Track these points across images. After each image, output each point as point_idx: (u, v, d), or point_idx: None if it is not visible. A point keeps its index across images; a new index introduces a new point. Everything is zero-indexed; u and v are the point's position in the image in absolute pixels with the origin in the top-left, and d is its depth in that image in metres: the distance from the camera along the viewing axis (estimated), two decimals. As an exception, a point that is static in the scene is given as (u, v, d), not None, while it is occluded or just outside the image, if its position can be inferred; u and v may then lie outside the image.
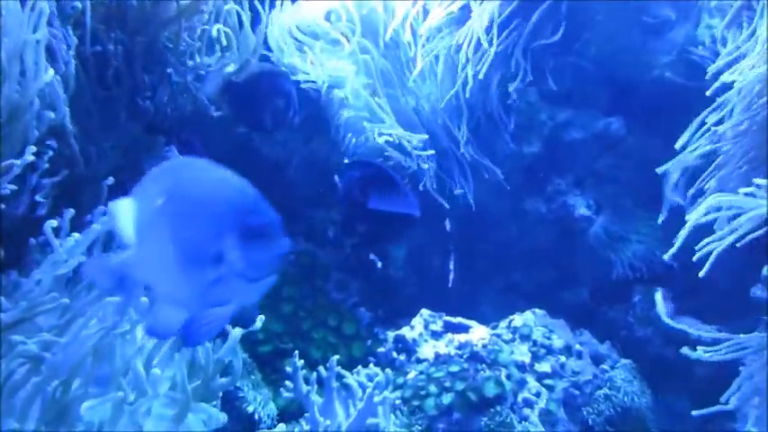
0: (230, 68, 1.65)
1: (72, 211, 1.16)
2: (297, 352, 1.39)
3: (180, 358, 1.08)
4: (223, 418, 1.09)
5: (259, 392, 1.46)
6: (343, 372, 1.38)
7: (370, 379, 1.31)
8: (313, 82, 1.76)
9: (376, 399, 1.23)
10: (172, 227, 0.76)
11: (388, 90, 1.77)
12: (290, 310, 1.76)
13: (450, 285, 2.13)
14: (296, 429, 1.31)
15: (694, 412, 1.26)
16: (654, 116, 1.84)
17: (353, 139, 1.80)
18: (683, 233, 1.42)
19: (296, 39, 1.76)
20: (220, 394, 1.24)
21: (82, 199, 1.34)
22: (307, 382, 1.38)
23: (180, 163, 1.06)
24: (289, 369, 1.39)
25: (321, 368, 1.39)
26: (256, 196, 0.79)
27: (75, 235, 1.10)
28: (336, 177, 1.76)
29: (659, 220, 1.68)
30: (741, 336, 1.37)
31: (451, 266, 2.16)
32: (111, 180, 1.28)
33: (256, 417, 1.40)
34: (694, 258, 1.38)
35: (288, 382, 1.40)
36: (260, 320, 1.12)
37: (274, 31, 1.78)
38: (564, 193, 1.96)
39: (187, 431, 1.03)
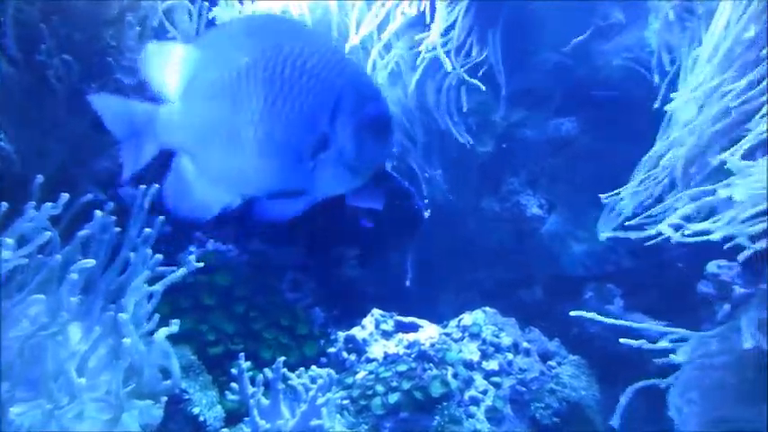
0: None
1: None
2: (243, 353, 1.38)
3: (117, 363, 1.06)
4: (158, 413, 1.08)
5: (206, 395, 1.44)
6: (289, 374, 1.37)
7: (314, 380, 1.31)
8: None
9: (319, 401, 1.23)
10: (258, 94, 0.63)
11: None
12: (242, 311, 1.74)
13: (407, 284, 2.14)
14: (237, 432, 1.30)
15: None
16: (605, 117, 1.87)
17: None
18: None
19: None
20: (164, 399, 1.22)
21: (19, 199, 1.31)
22: (254, 383, 1.37)
23: (273, 20, 0.85)
24: (235, 371, 1.38)
25: (267, 370, 1.38)
26: (372, 80, 0.67)
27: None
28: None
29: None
30: (681, 330, 1.39)
31: (409, 265, 2.17)
32: (40, 178, 1.22)
33: (201, 419, 1.38)
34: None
35: (234, 384, 1.39)
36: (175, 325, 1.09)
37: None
38: (517, 192, 1.98)
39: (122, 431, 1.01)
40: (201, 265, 1.35)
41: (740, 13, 1.21)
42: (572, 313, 1.38)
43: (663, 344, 1.41)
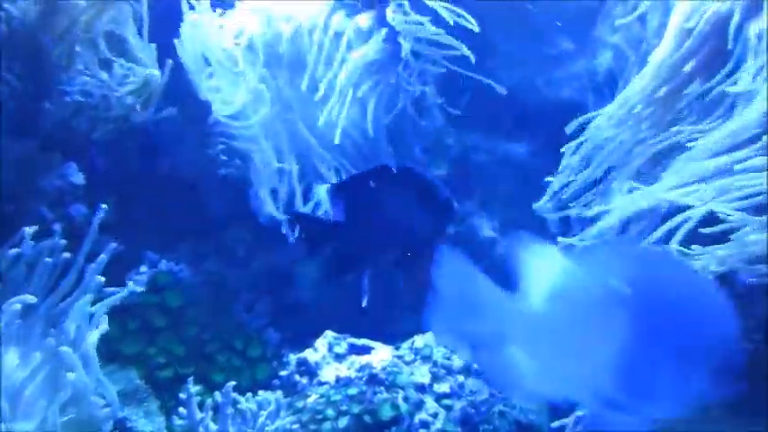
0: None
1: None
2: (191, 377, 1.36)
3: (53, 390, 1.04)
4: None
5: (152, 421, 1.41)
6: (238, 397, 1.36)
7: (262, 405, 1.30)
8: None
9: (268, 428, 1.22)
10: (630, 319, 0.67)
11: (290, 116, 1.78)
12: (193, 333, 1.72)
13: (364, 305, 2.14)
14: (184, 459, 1.28)
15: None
16: (555, 142, 1.92)
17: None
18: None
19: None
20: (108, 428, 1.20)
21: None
22: (202, 408, 1.36)
23: (657, 257, 0.89)
24: (183, 395, 1.36)
25: (217, 393, 1.37)
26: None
27: None
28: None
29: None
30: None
31: (366, 286, 2.17)
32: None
33: (144, 447, 1.36)
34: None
35: (182, 409, 1.37)
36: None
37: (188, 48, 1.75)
38: (470, 214, 2.01)
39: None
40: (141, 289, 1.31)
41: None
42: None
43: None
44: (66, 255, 1.32)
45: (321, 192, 1.74)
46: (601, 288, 0.71)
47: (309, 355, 1.66)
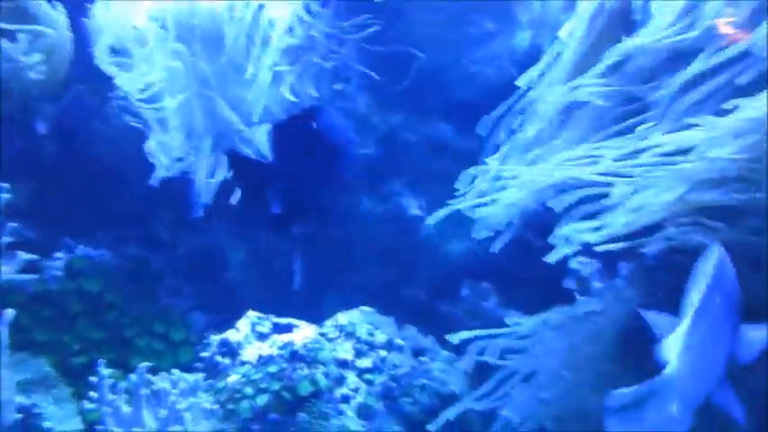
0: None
1: None
2: (102, 360, 1.33)
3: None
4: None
5: (62, 408, 1.37)
6: (153, 378, 1.33)
7: (176, 384, 1.28)
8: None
9: (180, 405, 1.20)
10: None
11: (209, 94, 1.74)
12: (112, 318, 1.68)
13: (296, 287, 2.13)
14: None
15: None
16: (478, 121, 1.95)
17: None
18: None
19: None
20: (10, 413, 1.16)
21: None
22: (115, 391, 1.33)
23: None
24: (94, 379, 1.32)
25: (132, 376, 1.34)
26: None
27: None
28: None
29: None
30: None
31: (297, 268, 2.16)
32: None
33: (54, 432, 1.32)
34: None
35: (93, 393, 1.34)
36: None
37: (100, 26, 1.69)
38: (398, 194, 2.02)
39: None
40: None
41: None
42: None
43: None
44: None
45: (261, 133, 1.70)
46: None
47: (231, 335, 1.64)
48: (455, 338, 1.38)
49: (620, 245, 1.32)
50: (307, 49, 1.83)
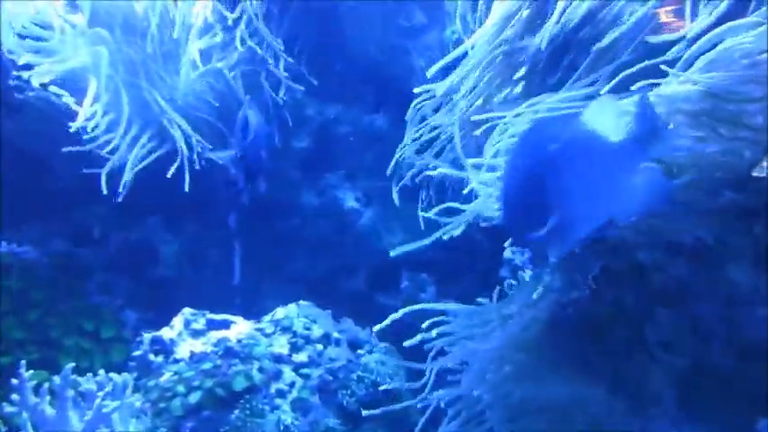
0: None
1: None
2: (24, 362, 1.28)
3: None
4: None
5: (-17, 411, 1.31)
6: (79, 379, 1.29)
7: (102, 386, 1.25)
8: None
9: (106, 409, 1.17)
10: None
11: (138, 81, 1.68)
12: (36, 317, 1.61)
13: (234, 281, 2.10)
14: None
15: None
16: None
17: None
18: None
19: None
20: None
21: None
22: (39, 393, 1.28)
23: None
24: (15, 381, 1.27)
25: (56, 377, 1.30)
26: None
27: None
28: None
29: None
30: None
31: (235, 262, 2.13)
32: None
33: (-29, 438, 1.26)
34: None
35: (15, 396, 1.29)
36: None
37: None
38: (335, 186, 2.02)
39: None
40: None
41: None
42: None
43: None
44: None
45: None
46: None
47: (165, 332, 1.61)
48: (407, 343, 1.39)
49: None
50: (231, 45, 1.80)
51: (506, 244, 1.83)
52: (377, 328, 1.30)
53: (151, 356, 1.56)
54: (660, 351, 1.26)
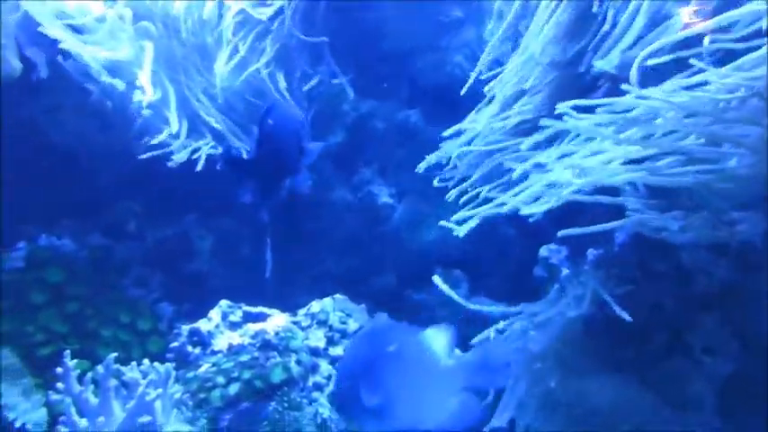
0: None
1: None
2: (68, 351, 1.29)
3: None
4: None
5: (28, 399, 1.34)
6: (123, 369, 1.31)
7: (146, 375, 1.26)
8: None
9: (149, 397, 1.18)
10: None
11: (178, 77, 1.70)
12: (75, 309, 1.64)
13: (267, 275, 2.11)
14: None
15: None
16: (448, 108, 1.95)
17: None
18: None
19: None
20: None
21: None
22: (82, 382, 1.30)
23: None
24: (60, 370, 1.29)
25: (99, 367, 1.31)
26: None
27: None
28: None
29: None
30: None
31: (267, 257, 2.14)
32: None
33: (18, 425, 1.28)
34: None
35: (60, 384, 1.31)
36: None
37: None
38: (368, 182, 2.02)
39: None
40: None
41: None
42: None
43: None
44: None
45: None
46: None
47: (202, 325, 1.62)
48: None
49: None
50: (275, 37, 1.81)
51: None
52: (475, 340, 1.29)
53: (189, 348, 1.57)
54: (703, 356, 1.23)
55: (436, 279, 1.40)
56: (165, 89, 1.68)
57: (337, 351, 1.57)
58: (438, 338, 1.15)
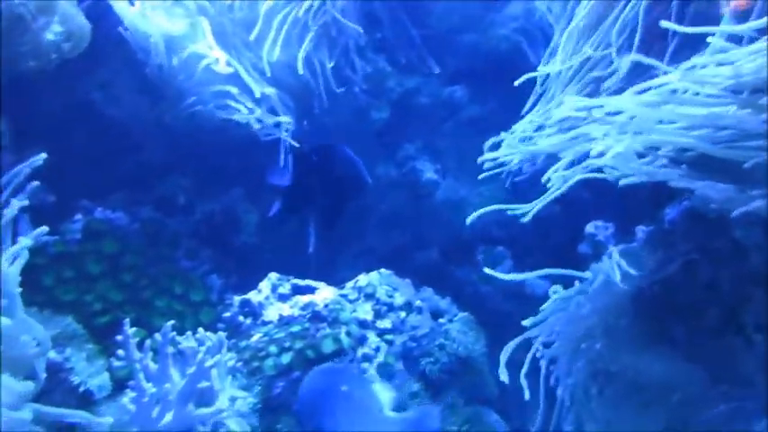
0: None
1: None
2: (127, 319, 1.34)
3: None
4: (23, 386, 1.03)
5: (92, 364, 1.40)
6: (178, 338, 1.35)
7: (202, 343, 1.30)
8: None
9: (207, 363, 1.23)
10: None
11: (229, 51, 1.72)
12: (130, 279, 1.69)
13: (310, 250, 2.14)
14: (124, 399, 1.27)
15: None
16: (493, 84, 1.94)
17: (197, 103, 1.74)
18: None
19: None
20: (41, 366, 1.18)
21: None
22: (142, 349, 1.35)
23: None
24: (120, 338, 1.34)
25: (157, 335, 1.36)
26: None
27: None
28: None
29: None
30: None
31: (311, 231, 2.17)
32: None
33: (83, 389, 1.34)
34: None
35: (121, 351, 1.36)
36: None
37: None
38: (413, 158, 2.02)
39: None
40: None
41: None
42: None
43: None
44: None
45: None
46: None
47: (253, 296, 1.66)
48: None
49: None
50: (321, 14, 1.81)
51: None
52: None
53: (240, 318, 1.61)
54: (755, 334, 1.22)
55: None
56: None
57: (385, 324, 1.60)
58: (384, 393, 1.33)
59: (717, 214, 1.21)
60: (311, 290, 1.69)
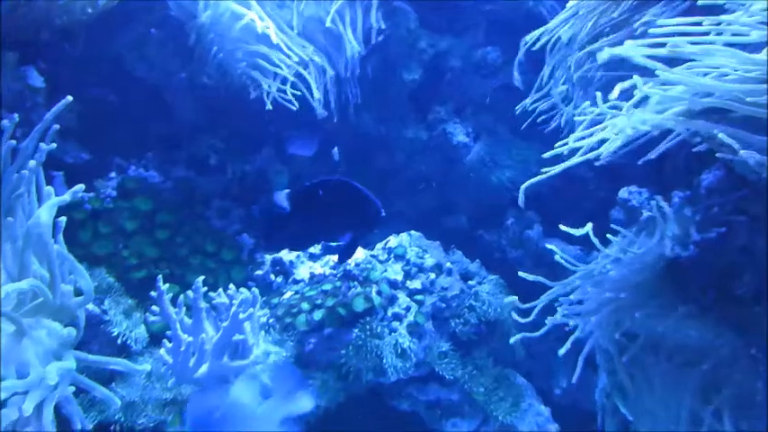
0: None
1: None
2: (161, 275, 1.36)
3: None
4: (67, 332, 1.06)
5: (129, 317, 1.43)
6: (212, 294, 1.38)
7: (234, 298, 1.32)
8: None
9: (241, 315, 1.24)
10: None
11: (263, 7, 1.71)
12: (165, 237, 1.72)
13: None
14: (161, 350, 1.31)
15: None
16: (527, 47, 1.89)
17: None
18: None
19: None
20: (82, 316, 1.21)
21: None
22: (176, 305, 1.37)
23: None
24: (154, 293, 1.37)
25: (190, 291, 1.38)
26: None
27: None
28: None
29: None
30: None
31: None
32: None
33: (122, 341, 1.37)
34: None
35: (155, 307, 1.39)
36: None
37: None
38: (444, 120, 2.00)
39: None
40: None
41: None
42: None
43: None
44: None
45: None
46: None
47: (284, 255, 1.67)
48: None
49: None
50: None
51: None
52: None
53: (272, 276, 1.63)
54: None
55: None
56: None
57: (415, 284, 1.60)
58: (246, 391, 1.35)
59: (756, 178, 1.19)
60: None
